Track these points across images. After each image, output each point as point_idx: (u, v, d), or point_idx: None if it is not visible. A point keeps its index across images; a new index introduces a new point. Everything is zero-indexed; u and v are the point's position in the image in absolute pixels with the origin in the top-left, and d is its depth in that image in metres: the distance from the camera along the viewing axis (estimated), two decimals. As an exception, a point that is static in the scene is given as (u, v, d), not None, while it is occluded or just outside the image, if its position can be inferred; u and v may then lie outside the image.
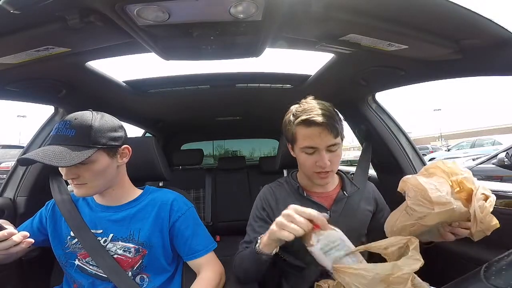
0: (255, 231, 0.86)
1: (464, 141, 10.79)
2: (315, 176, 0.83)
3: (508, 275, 0.29)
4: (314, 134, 0.77)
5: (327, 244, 0.59)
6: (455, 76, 0.91)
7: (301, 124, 0.79)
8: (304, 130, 0.79)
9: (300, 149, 0.81)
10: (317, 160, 0.79)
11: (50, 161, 0.63)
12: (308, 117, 0.77)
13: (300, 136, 0.80)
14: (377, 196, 0.97)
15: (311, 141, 0.78)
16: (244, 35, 0.73)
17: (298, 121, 0.79)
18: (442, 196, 0.54)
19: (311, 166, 0.80)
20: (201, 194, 2.35)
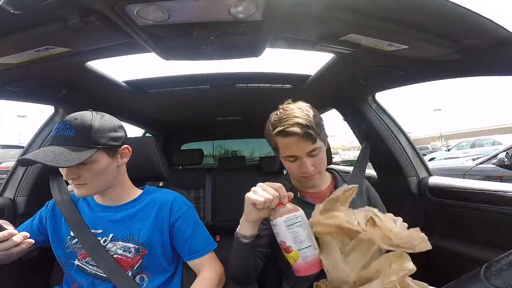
0: None
1: (464, 141, 10.78)
2: (302, 180, 0.85)
3: (508, 275, 0.29)
4: (291, 143, 0.78)
5: (291, 218, 0.64)
6: (455, 76, 0.91)
7: (278, 135, 0.79)
8: (282, 140, 0.79)
9: (282, 157, 0.84)
10: (300, 166, 0.80)
11: (50, 162, 0.63)
12: (283, 128, 0.77)
13: (280, 146, 0.82)
14: (371, 193, 0.97)
15: (290, 151, 0.80)
16: (244, 35, 0.73)
17: (275, 132, 0.80)
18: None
19: (296, 172, 0.82)
20: (201, 194, 2.35)
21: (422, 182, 1.23)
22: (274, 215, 0.65)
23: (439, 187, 1.15)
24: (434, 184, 1.18)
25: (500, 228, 0.91)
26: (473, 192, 1.00)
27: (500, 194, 0.91)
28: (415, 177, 1.25)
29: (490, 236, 0.94)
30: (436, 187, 1.16)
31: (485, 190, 0.96)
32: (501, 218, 0.90)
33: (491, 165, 3.51)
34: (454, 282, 0.35)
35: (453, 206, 1.07)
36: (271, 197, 0.64)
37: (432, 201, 1.16)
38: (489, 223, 0.94)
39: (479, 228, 0.98)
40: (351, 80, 1.12)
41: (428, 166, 1.30)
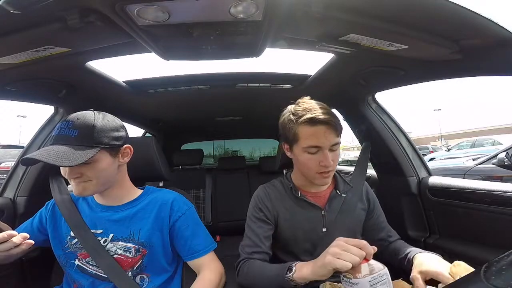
0: (255, 232, 0.86)
1: (464, 141, 10.78)
2: (317, 177, 0.82)
3: (508, 275, 0.29)
4: (319, 133, 0.76)
5: (376, 277, 0.57)
6: (455, 76, 0.91)
7: (306, 123, 0.77)
8: (308, 129, 0.77)
9: (302, 148, 0.80)
10: (320, 159, 0.78)
11: (54, 161, 0.63)
12: (314, 116, 0.76)
13: (303, 135, 0.79)
14: (370, 196, 0.97)
15: (315, 140, 0.77)
16: (244, 35, 0.73)
17: (302, 120, 0.77)
18: None
19: (314, 166, 0.79)
20: (201, 194, 2.35)
21: (422, 182, 1.23)
22: (356, 274, 0.57)
23: (439, 187, 1.15)
24: (434, 184, 1.18)
25: (500, 228, 0.91)
26: (473, 192, 1.00)
27: (500, 194, 0.91)
28: (415, 177, 1.25)
29: (490, 236, 0.94)
30: (436, 187, 1.16)
31: (485, 190, 0.96)
32: (501, 218, 0.90)
33: (491, 165, 3.50)
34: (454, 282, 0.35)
35: (453, 206, 1.07)
36: (358, 259, 0.57)
37: (432, 201, 1.16)
38: (489, 223, 0.94)
39: (479, 228, 0.98)
40: (351, 80, 1.12)
41: (428, 166, 1.30)
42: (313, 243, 0.86)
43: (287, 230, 0.87)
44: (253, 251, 0.83)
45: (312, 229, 0.87)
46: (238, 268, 0.83)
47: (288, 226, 0.87)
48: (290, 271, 0.69)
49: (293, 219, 0.87)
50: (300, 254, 0.87)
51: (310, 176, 0.83)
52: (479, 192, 0.98)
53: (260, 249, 0.84)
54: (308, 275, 0.65)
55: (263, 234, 0.86)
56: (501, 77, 0.82)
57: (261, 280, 0.76)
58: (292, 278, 0.67)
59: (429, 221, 1.18)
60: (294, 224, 0.87)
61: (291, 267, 0.70)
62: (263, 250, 0.84)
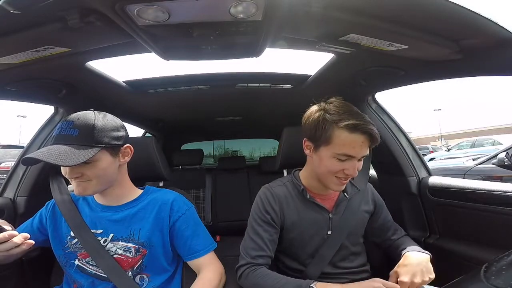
0: (260, 236, 0.83)
1: (464, 141, 10.78)
2: (334, 182, 0.79)
3: (508, 275, 0.29)
4: (356, 142, 0.73)
5: None
6: (455, 76, 0.91)
7: (345, 128, 0.72)
8: (347, 136, 0.73)
9: (332, 153, 0.75)
10: (346, 167, 0.75)
11: (55, 161, 0.63)
12: (358, 123, 0.71)
13: (338, 140, 0.74)
14: (376, 198, 0.97)
15: (351, 150, 0.73)
16: (244, 35, 0.73)
17: (344, 124, 0.72)
18: None
19: (337, 172, 0.76)
20: (201, 194, 2.35)
21: (422, 182, 1.23)
22: None
23: (439, 187, 1.15)
24: (434, 184, 1.18)
25: (500, 228, 0.91)
26: (473, 192, 1.00)
27: (500, 194, 0.91)
28: (415, 177, 1.25)
29: (490, 236, 0.94)
30: (436, 187, 1.16)
31: (485, 190, 0.96)
32: (501, 218, 0.90)
33: (491, 165, 3.50)
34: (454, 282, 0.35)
35: (453, 206, 1.07)
36: None
37: (432, 201, 1.16)
38: (489, 223, 0.94)
39: (479, 228, 0.98)
40: (351, 80, 1.12)
41: (428, 166, 1.30)
42: (317, 245, 0.86)
43: (293, 232, 0.86)
44: (257, 254, 0.81)
45: (317, 231, 0.86)
46: (242, 272, 0.81)
47: (295, 228, 0.85)
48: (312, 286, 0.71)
49: (300, 221, 0.86)
50: (303, 256, 0.86)
51: (327, 180, 0.80)
52: (479, 192, 0.98)
53: (264, 253, 0.82)
54: None
55: (268, 238, 0.83)
56: (501, 77, 0.82)
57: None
58: None
59: (429, 221, 1.18)
60: (301, 226, 0.85)
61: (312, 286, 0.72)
62: (267, 254, 0.82)
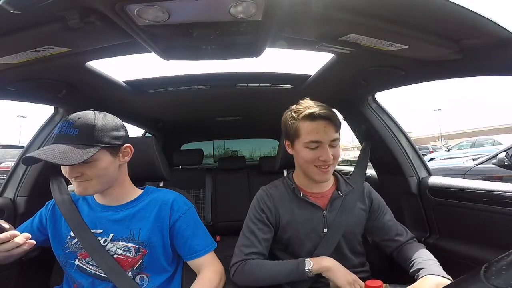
0: (254, 234, 0.86)
1: (464, 141, 10.78)
2: (316, 172, 0.83)
3: (508, 275, 0.29)
4: (319, 128, 0.80)
5: None
6: (455, 76, 0.91)
7: (306, 118, 0.81)
8: (309, 124, 0.81)
9: (303, 143, 0.82)
10: (320, 154, 0.80)
11: (55, 160, 0.63)
12: (314, 111, 0.80)
13: (304, 131, 0.82)
14: (374, 196, 0.97)
15: (315, 135, 0.80)
16: (244, 35, 0.73)
17: (303, 115, 0.81)
18: None
19: (313, 160, 0.82)
20: (201, 194, 2.35)
21: (422, 182, 1.23)
22: None
23: (439, 187, 1.15)
24: (434, 184, 1.18)
25: (500, 228, 0.91)
26: (473, 192, 1.00)
27: (500, 194, 0.91)
28: (415, 177, 1.25)
29: (490, 236, 0.94)
30: (436, 187, 1.16)
31: (485, 190, 0.96)
32: (501, 218, 0.90)
33: (491, 165, 3.50)
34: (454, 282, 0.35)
35: (453, 206, 1.07)
36: None
37: (432, 201, 1.16)
38: (489, 223, 0.94)
39: (479, 228, 0.98)
40: (351, 80, 1.12)
41: (428, 166, 1.30)
42: (314, 244, 0.86)
43: (288, 230, 0.87)
44: (250, 251, 0.84)
45: (313, 229, 0.87)
46: (235, 269, 0.82)
47: (290, 227, 0.87)
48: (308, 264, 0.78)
49: (295, 219, 0.87)
50: (301, 254, 0.87)
51: (310, 172, 0.85)
52: (479, 192, 0.98)
53: (257, 249, 0.84)
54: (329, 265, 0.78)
55: (262, 236, 0.86)
56: (501, 77, 0.82)
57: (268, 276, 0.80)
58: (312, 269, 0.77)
59: (429, 221, 1.18)
60: (296, 225, 0.87)
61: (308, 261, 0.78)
62: (260, 251, 0.84)
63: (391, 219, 0.96)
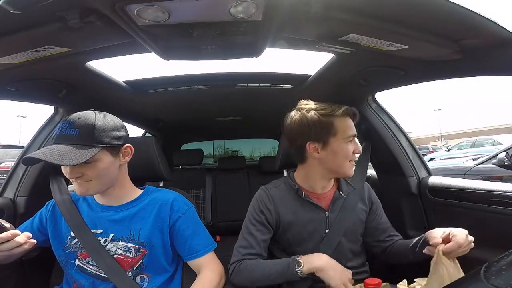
0: (253, 235, 0.86)
1: (464, 141, 10.78)
2: (350, 166, 0.85)
3: (508, 275, 0.29)
4: (351, 124, 0.86)
5: None
6: (455, 76, 0.91)
7: (340, 114, 0.83)
8: (344, 120, 0.84)
9: (343, 139, 0.83)
10: (355, 147, 0.85)
11: (55, 160, 0.63)
12: (345, 108, 0.84)
13: (341, 126, 0.84)
14: (373, 197, 0.97)
15: (352, 130, 0.85)
16: (244, 35, 0.73)
17: (341, 112, 0.83)
18: None
19: (351, 155, 0.84)
20: (201, 194, 2.35)
21: (422, 182, 1.23)
22: None
23: (439, 187, 1.15)
24: (434, 184, 1.18)
25: (500, 228, 0.91)
26: (473, 192, 1.00)
27: (500, 194, 0.91)
28: (415, 177, 1.25)
29: (490, 236, 0.94)
30: (436, 187, 1.16)
31: (485, 190, 0.96)
32: (501, 218, 0.90)
33: (491, 165, 3.50)
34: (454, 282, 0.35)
35: (453, 206, 1.07)
36: None
37: (432, 201, 1.16)
38: (489, 223, 0.94)
39: (479, 228, 0.98)
40: (351, 80, 1.12)
41: (428, 166, 1.30)
42: (316, 244, 0.86)
43: (290, 231, 0.87)
44: (248, 252, 0.84)
45: (315, 230, 0.87)
46: (232, 270, 0.84)
47: (291, 227, 0.87)
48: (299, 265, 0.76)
49: (296, 220, 0.87)
50: (301, 254, 0.87)
51: (344, 168, 0.85)
52: (479, 192, 0.98)
53: (254, 251, 0.84)
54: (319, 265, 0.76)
55: (260, 237, 0.86)
56: (501, 77, 0.82)
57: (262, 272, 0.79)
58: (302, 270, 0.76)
59: (429, 221, 1.18)
60: (298, 225, 0.87)
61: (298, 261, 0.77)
62: (258, 252, 0.84)
63: (386, 221, 0.97)
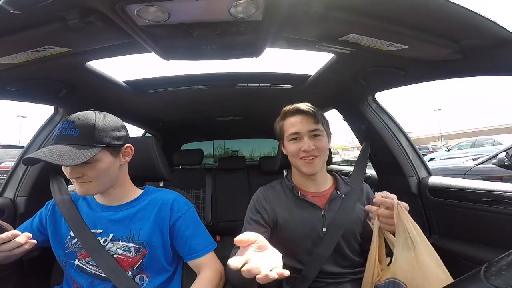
0: None
1: (464, 141, 10.77)
2: (302, 164, 0.87)
3: (508, 275, 0.29)
4: (297, 121, 0.88)
5: None
6: (455, 76, 0.91)
7: (287, 115, 0.90)
8: (289, 120, 0.89)
9: (287, 138, 0.89)
10: (300, 145, 0.86)
11: (56, 160, 0.63)
12: (291, 108, 0.90)
13: (286, 127, 0.90)
14: (371, 196, 0.98)
15: (294, 128, 0.87)
16: (244, 35, 0.73)
17: (283, 113, 0.91)
18: None
19: (297, 152, 0.87)
20: (201, 194, 2.35)
21: (422, 182, 1.23)
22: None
23: (439, 187, 1.15)
24: (434, 184, 1.18)
25: (500, 228, 0.91)
26: (473, 192, 1.00)
27: (500, 194, 0.91)
28: (415, 177, 1.25)
29: (490, 236, 0.94)
30: (436, 187, 1.16)
31: (485, 190, 0.96)
32: (501, 218, 0.90)
33: (491, 165, 3.50)
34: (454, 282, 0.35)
35: (453, 206, 1.07)
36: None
37: (432, 201, 1.16)
38: (489, 223, 0.94)
39: (479, 228, 0.98)
40: (351, 80, 1.12)
41: (428, 166, 1.30)
42: (314, 243, 0.86)
43: (287, 230, 0.87)
44: None
45: (312, 229, 0.87)
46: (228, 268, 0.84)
47: (288, 226, 0.87)
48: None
49: (293, 219, 0.87)
50: (300, 254, 0.87)
51: (298, 165, 0.89)
52: (479, 192, 0.98)
53: None
54: None
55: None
56: (501, 77, 0.82)
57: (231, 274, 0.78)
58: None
59: (429, 221, 1.18)
60: (294, 224, 0.87)
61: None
62: None
63: None
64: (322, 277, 0.84)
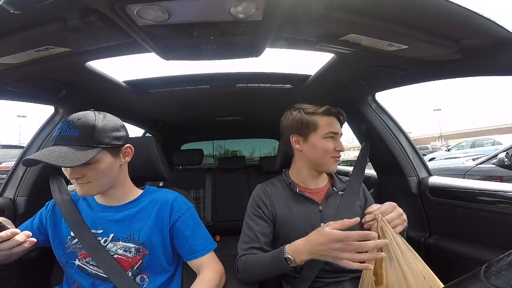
0: (252, 229, 0.88)
1: (464, 141, 10.77)
2: (331, 162, 0.91)
3: (508, 275, 0.29)
4: (333, 122, 0.92)
5: None
6: (455, 76, 0.91)
7: (324, 113, 0.91)
8: (327, 118, 0.91)
9: (322, 135, 0.90)
10: (337, 144, 0.91)
11: (56, 162, 0.63)
12: (329, 107, 0.92)
13: (322, 124, 0.91)
14: (366, 194, 1.00)
15: (333, 128, 0.91)
16: (244, 35, 0.73)
17: (322, 111, 0.91)
18: None
19: (331, 151, 0.90)
20: (201, 194, 2.35)
21: (422, 182, 1.23)
22: None
23: (439, 187, 1.15)
24: (434, 184, 1.18)
25: (500, 228, 0.91)
26: (473, 192, 1.00)
27: (500, 194, 0.91)
28: (415, 177, 1.25)
29: (490, 236, 0.94)
30: (436, 187, 1.16)
31: (485, 190, 0.96)
32: (501, 218, 0.90)
33: (491, 165, 3.50)
34: (454, 282, 0.35)
35: (453, 206, 1.07)
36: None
37: (432, 201, 1.16)
38: (489, 223, 0.94)
39: (479, 228, 0.98)
40: (351, 80, 1.12)
41: (428, 166, 1.30)
42: None
43: (285, 225, 0.89)
44: (250, 246, 0.85)
45: (310, 224, 0.87)
46: (237, 267, 0.85)
47: (287, 222, 0.89)
48: (289, 261, 0.74)
49: (291, 214, 0.89)
50: None
51: (325, 162, 0.91)
52: (479, 192, 0.98)
53: (257, 244, 0.85)
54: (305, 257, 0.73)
55: (260, 231, 0.87)
56: (501, 77, 0.82)
57: (259, 269, 0.80)
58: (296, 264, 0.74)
59: (429, 221, 1.18)
60: (293, 219, 0.88)
61: (288, 258, 0.74)
62: (260, 245, 0.85)
63: None
64: (322, 276, 0.84)
